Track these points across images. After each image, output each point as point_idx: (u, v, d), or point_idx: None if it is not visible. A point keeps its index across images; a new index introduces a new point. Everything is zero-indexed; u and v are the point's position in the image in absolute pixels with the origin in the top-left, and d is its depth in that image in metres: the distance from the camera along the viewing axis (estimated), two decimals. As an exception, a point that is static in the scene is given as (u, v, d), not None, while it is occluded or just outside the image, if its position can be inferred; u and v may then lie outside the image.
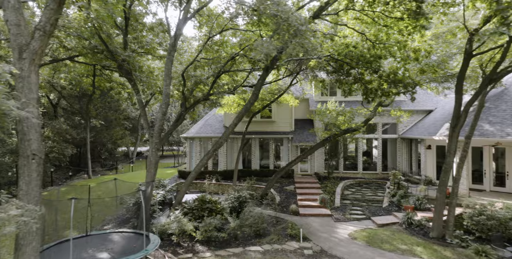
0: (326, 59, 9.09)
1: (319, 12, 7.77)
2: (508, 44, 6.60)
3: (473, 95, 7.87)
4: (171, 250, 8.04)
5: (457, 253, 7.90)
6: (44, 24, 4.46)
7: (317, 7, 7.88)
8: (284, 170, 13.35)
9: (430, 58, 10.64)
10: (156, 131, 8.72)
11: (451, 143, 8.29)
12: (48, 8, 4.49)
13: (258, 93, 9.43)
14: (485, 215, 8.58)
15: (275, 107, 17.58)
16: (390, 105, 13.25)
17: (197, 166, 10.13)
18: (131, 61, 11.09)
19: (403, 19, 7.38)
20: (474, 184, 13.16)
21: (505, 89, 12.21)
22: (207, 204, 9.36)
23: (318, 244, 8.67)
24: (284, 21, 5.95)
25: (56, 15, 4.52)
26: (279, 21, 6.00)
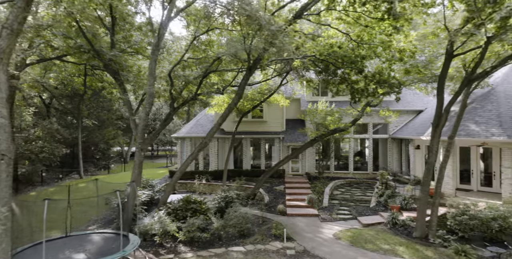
0: (311, 59, 9.08)
1: (301, 12, 7.77)
2: (486, 45, 6.63)
3: (453, 95, 7.91)
4: (153, 251, 8.00)
5: (438, 252, 7.93)
6: (12, 22, 4.42)
7: (299, 7, 7.88)
8: (272, 170, 13.34)
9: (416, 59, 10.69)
10: (140, 131, 8.68)
11: (433, 143, 8.32)
12: (16, 6, 4.44)
13: (241, 93, 9.41)
14: (468, 215, 8.62)
15: (266, 107, 17.57)
16: (379, 105, 13.27)
17: (182, 166, 10.09)
18: (118, 60, 11.04)
19: (383, 20, 7.41)
20: (462, 184, 13.24)
21: (492, 90, 12.29)
22: (191, 204, 9.32)
23: (302, 244, 8.66)
24: (253, 21, 5.95)
25: (24, 13, 4.47)
26: (249, 21, 6.00)
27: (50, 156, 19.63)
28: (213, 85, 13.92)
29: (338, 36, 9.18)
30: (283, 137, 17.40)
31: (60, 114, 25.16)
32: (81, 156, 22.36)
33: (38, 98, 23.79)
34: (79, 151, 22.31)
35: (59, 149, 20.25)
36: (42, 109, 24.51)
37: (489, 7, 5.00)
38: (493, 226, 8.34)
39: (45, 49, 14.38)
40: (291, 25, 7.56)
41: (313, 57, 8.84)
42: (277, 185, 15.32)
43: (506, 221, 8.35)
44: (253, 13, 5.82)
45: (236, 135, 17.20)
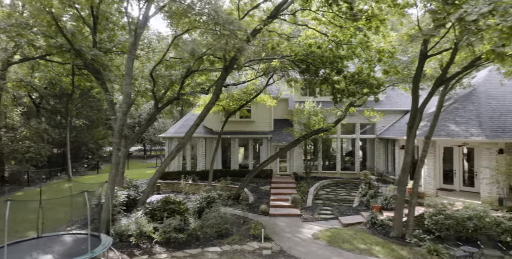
0: (291, 59, 9.08)
1: (276, 12, 7.76)
2: (455, 46, 6.67)
3: (427, 96, 7.96)
4: (127, 252, 7.95)
5: (413, 252, 7.97)
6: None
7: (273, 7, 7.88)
8: (256, 170, 13.33)
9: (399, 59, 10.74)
10: (116, 131, 8.62)
11: (408, 144, 8.37)
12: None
13: (218, 92, 9.38)
14: (444, 215, 8.68)
15: (254, 107, 17.56)
16: (363, 106, 13.30)
17: (160, 166, 10.04)
18: (99, 60, 10.94)
19: (356, 20, 7.42)
20: (445, 184, 13.33)
21: (473, 90, 12.38)
22: (170, 204, 9.28)
23: (279, 244, 8.67)
24: (211, 20, 5.93)
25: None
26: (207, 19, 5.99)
27: (36, 156, 19.44)
28: (199, 85, 13.87)
29: (317, 36, 9.19)
30: (271, 137, 17.41)
31: (49, 114, 24.94)
32: (69, 156, 22.15)
33: (27, 98, 23.59)
34: (67, 151, 22.11)
35: (46, 149, 20.06)
36: (32, 109, 24.31)
37: (448, 8, 5.03)
38: (468, 226, 8.40)
39: (28, 48, 14.22)
40: (265, 25, 7.55)
41: (293, 57, 8.82)
42: (263, 185, 15.32)
43: (481, 221, 8.42)
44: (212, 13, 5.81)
45: (224, 135, 17.18)
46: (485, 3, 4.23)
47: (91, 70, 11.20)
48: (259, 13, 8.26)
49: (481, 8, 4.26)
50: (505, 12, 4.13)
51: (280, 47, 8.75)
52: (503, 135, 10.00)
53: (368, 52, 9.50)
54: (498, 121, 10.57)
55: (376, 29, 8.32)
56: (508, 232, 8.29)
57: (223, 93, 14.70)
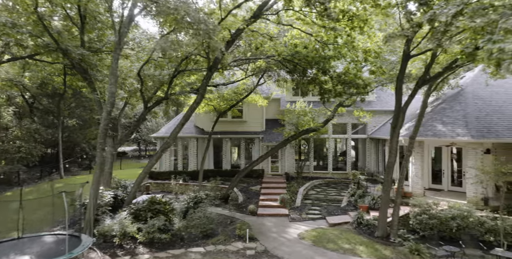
0: (277, 59, 9.06)
1: (259, 12, 7.75)
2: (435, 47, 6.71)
3: (409, 96, 7.99)
4: (110, 252, 7.91)
5: (396, 252, 7.99)
6: None
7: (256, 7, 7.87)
8: (246, 170, 13.32)
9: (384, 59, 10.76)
10: (101, 131, 8.57)
11: (392, 143, 8.39)
12: None
13: (203, 93, 9.36)
14: (427, 214, 8.71)
15: (246, 107, 17.54)
16: (353, 106, 13.33)
17: (146, 167, 10.00)
18: (85, 59, 10.89)
19: (339, 21, 7.43)
20: (434, 184, 13.39)
21: (461, 90, 12.44)
22: (156, 205, 9.23)
23: (264, 244, 8.66)
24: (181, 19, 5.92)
25: None
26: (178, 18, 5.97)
27: (27, 156, 19.31)
28: (189, 84, 13.83)
29: (303, 36, 9.19)
30: (262, 137, 17.40)
31: (41, 113, 24.78)
32: (61, 156, 22.04)
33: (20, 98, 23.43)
34: (59, 151, 21.99)
35: (37, 149, 19.93)
36: (25, 109, 24.14)
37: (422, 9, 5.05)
38: (452, 226, 8.44)
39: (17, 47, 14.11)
40: (249, 25, 7.54)
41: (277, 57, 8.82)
42: (254, 185, 15.31)
43: (465, 221, 8.46)
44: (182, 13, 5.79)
45: (216, 135, 17.16)
46: (455, 4, 4.26)
47: (78, 69, 11.14)
48: (242, 12, 8.22)
49: (450, 9, 4.28)
50: (473, 13, 4.15)
51: (264, 47, 8.73)
52: (488, 135, 10.07)
53: (355, 52, 9.52)
54: (484, 121, 10.63)
55: (361, 29, 8.33)
56: (491, 232, 8.35)
57: (213, 93, 14.69)
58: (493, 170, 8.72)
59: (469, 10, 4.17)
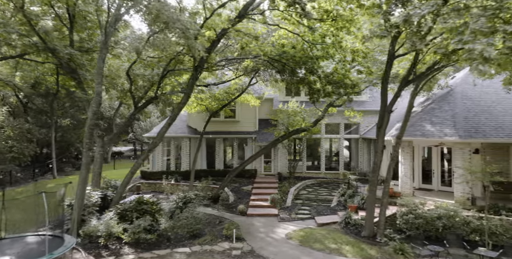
0: (264, 59, 9.05)
1: (244, 12, 7.73)
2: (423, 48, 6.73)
3: (393, 96, 8.01)
4: (95, 253, 7.88)
5: (381, 251, 8.01)
6: None
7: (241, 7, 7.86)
8: (237, 170, 13.32)
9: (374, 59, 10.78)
10: (87, 130, 8.53)
11: (378, 143, 8.41)
12: None
13: (190, 93, 9.34)
14: (414, 214, 8.74)
15: (239, 107, 17.52)
16: (344, 105, 13.34)
17: (133, 167, 9.97)
18: (74, 59, 10.83)
19: (323, 21, 7.43)
20: (424, 184, 13.44)
21: (450, 90, 12.49)
22: (143, 205, 9.20)
23: (251, 244, 8.65)
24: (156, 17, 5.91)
25: None
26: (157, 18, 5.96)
27: (19, 156, 19.21)
28: (181, 84, 13.79)
29: (290, 36, 9.18)
30: (255, 137, 17.39)
31: (34, 113, 24.66)
32: (54, 156, 21.94)
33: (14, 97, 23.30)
34: (53, 150, 21.89)
35: (29, 149, 19.83)
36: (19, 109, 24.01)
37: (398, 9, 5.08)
38: (438, 225, 8.47)
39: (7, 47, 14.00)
40: (234, 25, 7.52)
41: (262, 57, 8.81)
42: (245, 185, 15.30)
43: (450, 220, 8.50)
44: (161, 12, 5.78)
45: (207, 135, 17.13)
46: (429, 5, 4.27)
47: (67, 69, 11.09)
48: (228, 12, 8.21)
49: (423, 10, 4.29)
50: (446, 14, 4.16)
51: (250, 47, 8.72)
52: (475, 135, 10.11)
53: (343, 53, 9.53)
54: (472, 121, 10.68)
55: (347, 29, 8.34)
56: (476, 231, 8.38)
57: (205, 93, 14.66)
58: (479, 170, 8.76)
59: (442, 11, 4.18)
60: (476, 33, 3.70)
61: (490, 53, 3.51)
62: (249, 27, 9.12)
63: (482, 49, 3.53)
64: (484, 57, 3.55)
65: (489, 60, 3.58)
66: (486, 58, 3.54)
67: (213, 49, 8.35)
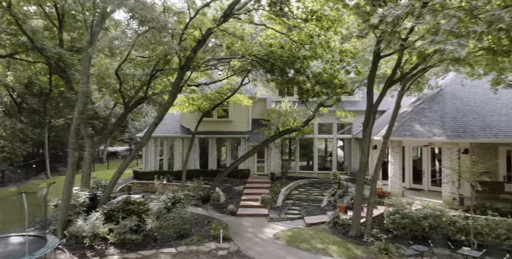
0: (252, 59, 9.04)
1: (229, 11, 7.72)
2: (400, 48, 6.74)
3: (379, 96, 8.02)
4: (79, 253, 7.84)
5: (367, 251, 8.02)
6: None
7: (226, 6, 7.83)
8: (228, 170, 13.31)
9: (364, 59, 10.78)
10: (72, 131, 8.49)
11: (364, 143, 8.42)
12: None
13: (176, 92, 9.31)
14: (400, 214, 8.75)
15: (232, 107, 17.50)
16: (335, 105, 13.35)
17: (120, 167, 9.93)
18: (62, 58, 10.78)
19: (307, 21, 7.43)
20: (415, 184, 13.48)
21: (440, 91, 12.53)
22: (130, 205, 9.17)
23: (238, 245, 8.64)
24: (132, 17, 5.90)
25: None
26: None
27: (11, 156, 19.11)
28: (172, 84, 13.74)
29: (278, 36, 9.17)
30: (248, 137, 17.37)
31: (28, 113, 24.53)
32: (47, 156, 21.84)
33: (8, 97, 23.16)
34: (46, 150, 21.79)
35: (21, 148, 19.73)
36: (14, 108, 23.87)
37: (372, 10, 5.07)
38: (424, 225, 8.50)
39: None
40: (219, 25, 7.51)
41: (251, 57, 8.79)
42: (237, 185, 15.27)
43: (437, 220, 8.52)
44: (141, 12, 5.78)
45: (199, 135, 17.09)
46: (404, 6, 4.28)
47: (56, 68, 11.04)
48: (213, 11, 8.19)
49: (396, 10, 4.29)
50: (419, 15, 4.16)
51: (235, 46, 8.71)
52: (463, 135, 10.15)
53: (331, 53, 9.53)
54: (460, 121, 10.72)
55: (335, 29, 8.34)
56: (462, 231, 8.42)
57: (197, 93, 14.63)
58: (465, 170, 8.80)
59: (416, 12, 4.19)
60: (448, 33, 3.71)
61: (460, 54, 3.52)
62: (237, 27, 9.10)
63: (453, 49, 3.55)
64: (455, 57, 3.57)
65: (459, 60, 3.59)
66: (456, 58, 3.56)
67: (199, 49, 8.32)
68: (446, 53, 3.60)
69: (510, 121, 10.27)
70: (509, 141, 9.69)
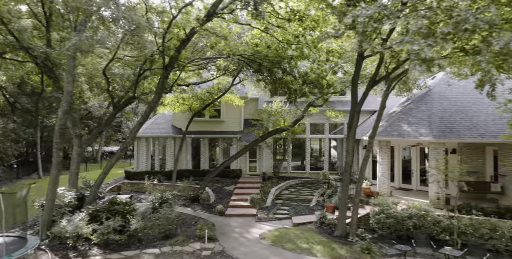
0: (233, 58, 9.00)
1: (213, 11, 7.70)
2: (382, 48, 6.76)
3: (362, 96, 8.03)
4: (62, 254, 7.80)
5: (351, 251, 8.03)
6: None
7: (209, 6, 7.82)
8: (217, 170, 13.29)
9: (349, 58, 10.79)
10: (56, 130, 8.44)
11: (348, 143, 8.43)
12: None
13: (160, 92, 9.28)
14: (385, 214, 8.78)
15: (224, 107, 17.47)
16: (325, 105, 13.37)
17: (106, 167, 9.89)
18: (50, 58, 10.71)
19: (290, 20, 7.43)
20: (404, 184, 13.53)
21: (429, 91, 12.58)
22: (115, 205, 9.13)
23: (223, 245, 8.63)
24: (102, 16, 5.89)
25: None
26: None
27: (2, 155, 18.99)
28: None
29: (263, 36, 9.16)
30: (240, 137, 17.36)
31: (20, 113, 24.38)
32: (39, 156, 21.72)
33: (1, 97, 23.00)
34: (38, 150, 21.67)
35: (13, 148, 19.61)
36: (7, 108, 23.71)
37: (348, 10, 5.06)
38: (408, 225, 8.53)
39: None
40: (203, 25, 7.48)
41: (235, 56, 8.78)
42: (228, 185, 15.25)
43: (421, 220, 8.55)
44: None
45: (191, 135, 17.06)
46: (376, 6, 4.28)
47: (43, 68, 10.97)
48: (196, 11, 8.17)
49: (368, 10, 4.30)
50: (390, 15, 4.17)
51: (219, 46, 8.69)
52: (450, 135, 10.19)
53: (318, 53, 9.53)
54: (447, 121, 10.76)
55: (320, 29, 8.34)
56: (446, 231, 8.45)
57: (187, 93, 14.59)
58: (450, 170, 8.83)
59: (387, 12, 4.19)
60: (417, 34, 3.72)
61: (426, 54, 3.53)
62: (224, 27, 9.09)
63: (420, 49, 3.55)
64: (422, 57, 3.57)
65: (426, 61, 3.60)
66: (423, 58, 3.57)
67: (183, 48, 8.30)
68: (413, 53, 3.61)
69: (497, 121, 10.32)
70: (495, 141, 9.74)
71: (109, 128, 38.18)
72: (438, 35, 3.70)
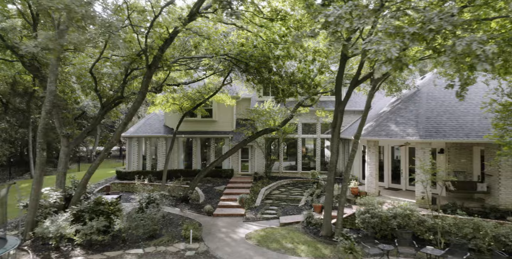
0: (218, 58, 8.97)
1: (196, 10, 7.67)
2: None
3: (345, 96, 8.04)
4: (44, 255, 7.75)
5: (335, 251, 8.04)
6: None
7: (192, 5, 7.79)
8: (206, 170, 13.26)
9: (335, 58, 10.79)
10: (40, 130, 8.38)
11: (332, 143, 8.43)
12: None
13: (144, 91, 9.24)
14: (370, 213, 8.79)
15: (216, 106, 17.44)
16: (315, 105, 13.38)
17: (91, 167, 9.83)
18: (37, 57, 10.64)
19: (273, 20, 7.43)
20: (394, 183, 13.57)
21: (417, 91, 12.61)
22: (100, 205, 9.08)
23: (208, 245, 8.61)
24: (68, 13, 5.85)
25: None
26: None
27: (-6, 156, 18.89)
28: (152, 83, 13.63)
29: (249, 35, 9.15)
30: (232, 137, 17.34)
31: (12, 112, 24.23)
32: (31, 156, 21.59)
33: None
34: (29, 150, 21.56)
35: (4, 148, 19.49)
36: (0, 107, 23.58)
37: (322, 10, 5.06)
38: (393, 224, 8.54)
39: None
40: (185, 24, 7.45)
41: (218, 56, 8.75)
42: (219, 185, 15.24)
43: (405, 219, 8.57)
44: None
45: (182, 135, 17.02)
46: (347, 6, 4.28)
47: (30, 68, 10.89)
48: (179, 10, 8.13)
49: (338, 10, 4.29)
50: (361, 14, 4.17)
51: (202, 46, 8.67)
52: (436, 135, 10.22)
53: (305, 52, 9.52)
54: (434, 121, 10.80)
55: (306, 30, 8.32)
56: (430, 230, 8.48)
57: (178, 93, 14.54)
58: (435, 170, 8.85)
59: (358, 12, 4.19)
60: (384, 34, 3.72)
61: (392, 54, 3.53)
62: (210, 26, 9.07)
63: (385, 49, 3.55)
64: (388, 57, 3.57)
65: (391, 61, 3.60)
66: (389, 59, 3.57)
67: (166, 48, 8.26)
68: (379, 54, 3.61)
69: (482, 121, 10.37)
70: (480, 140, 9.78)
71: (104, 128, 38.10)
72: (405, 36, 3.71)
